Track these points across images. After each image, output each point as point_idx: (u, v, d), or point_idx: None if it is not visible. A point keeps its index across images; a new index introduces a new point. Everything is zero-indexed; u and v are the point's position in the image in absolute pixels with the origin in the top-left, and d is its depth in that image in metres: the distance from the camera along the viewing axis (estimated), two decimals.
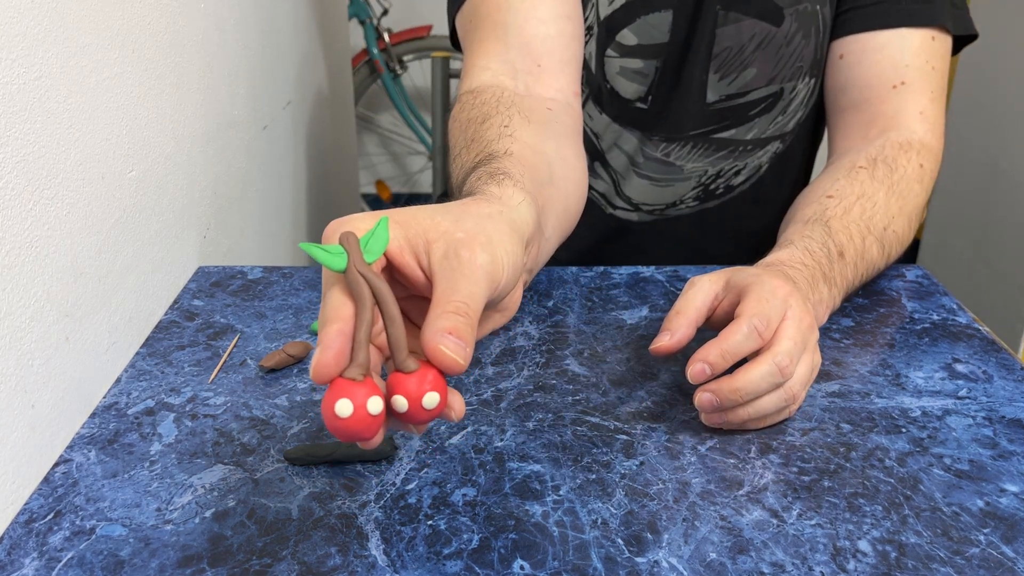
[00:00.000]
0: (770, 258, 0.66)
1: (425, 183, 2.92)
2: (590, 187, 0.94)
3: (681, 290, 0.64)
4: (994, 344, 0.69)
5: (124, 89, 0.66)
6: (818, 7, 0.84)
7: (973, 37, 0.85)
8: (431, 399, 0.39)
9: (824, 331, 0.70)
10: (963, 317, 0.73)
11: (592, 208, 0.95)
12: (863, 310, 0.74)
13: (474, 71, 0.75)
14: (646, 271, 0.80)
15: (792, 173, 0.95)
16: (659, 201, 0.93)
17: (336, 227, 0.42)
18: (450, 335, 0.39)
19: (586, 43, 0.85)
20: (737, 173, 0.92)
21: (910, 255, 2.21)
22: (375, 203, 2.96)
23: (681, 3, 0.85)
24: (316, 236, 1.29)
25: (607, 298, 0.75)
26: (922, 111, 0.81)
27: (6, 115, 0.51)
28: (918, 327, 0.71)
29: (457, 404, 0.41)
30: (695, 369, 0.55)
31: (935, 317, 0.73)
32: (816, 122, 0.94)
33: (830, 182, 0.76)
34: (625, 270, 0.80)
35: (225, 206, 0.89)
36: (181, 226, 0.78)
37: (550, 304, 0.74)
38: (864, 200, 0.73)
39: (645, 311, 0.73)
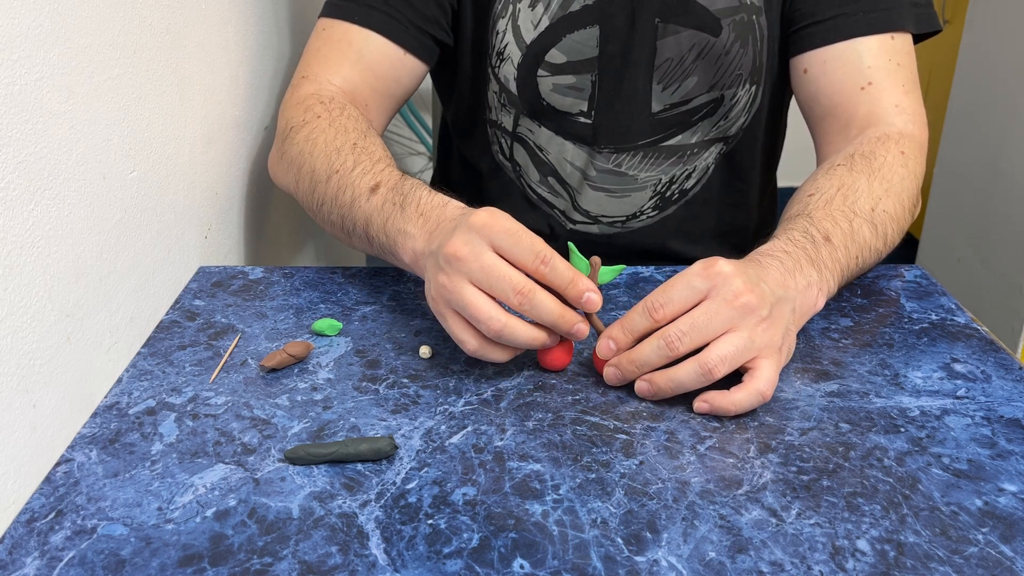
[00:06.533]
0: (752, 252, 0.67)
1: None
2: (549, 204, 0.96)
3: None
4: (992, 344, 0.69)
5: (125, 89, 0.66)
6: (755, 17, 0.86)
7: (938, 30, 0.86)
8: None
9: (823, 331, 0.70)
10: (962, 317, 0.73)
11: (552, 225, 0.97)
12: (862, 310, 0.74)
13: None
14: (645, 271, 0.80)
15: (742, 174, 0.96)
16: (618, 213, 0.95)
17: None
18: None
19: (500, 67, 0.90)
20: (688, 177, 0.94)
21: (909, 255, 2.21)
22: None
23: (607, 17, 0.86)
24: (316, 235, 1.29)
25: (606, 298, 0.75)
26: (897, 104, 0.82)
27: (7, 116, 0.51)
28: (917, 327, 0.72)
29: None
30: (602, 344, 0.63)
31: (934, 317, 0.73)
32: (768, 128, 0.95)
33: (811, 183, 0.76)
34: (625, 270, 0.80)
35: (226, 206, 0.89)
36: (182, 226, 0.78)
37: None
38: (845, 189, 0.73)
39: None
